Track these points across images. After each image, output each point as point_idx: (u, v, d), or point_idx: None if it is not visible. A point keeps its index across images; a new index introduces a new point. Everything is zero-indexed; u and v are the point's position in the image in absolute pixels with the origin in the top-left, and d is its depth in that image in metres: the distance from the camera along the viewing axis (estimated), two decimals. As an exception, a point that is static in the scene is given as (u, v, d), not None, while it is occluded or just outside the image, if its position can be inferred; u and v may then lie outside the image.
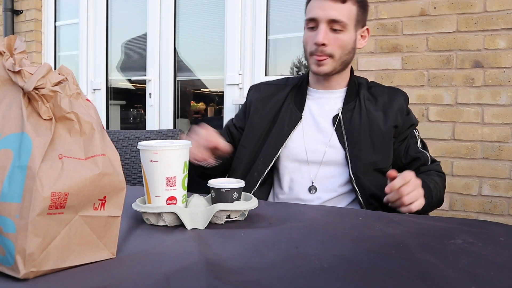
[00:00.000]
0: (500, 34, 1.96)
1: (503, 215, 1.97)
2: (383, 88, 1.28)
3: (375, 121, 1.19)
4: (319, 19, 1.15)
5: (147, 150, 0.81)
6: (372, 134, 1.18)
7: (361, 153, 1.16)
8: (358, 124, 1.19)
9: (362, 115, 1.20)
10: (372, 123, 1.19)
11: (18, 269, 0.51)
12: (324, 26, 1.14)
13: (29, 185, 0.51)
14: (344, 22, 1.14)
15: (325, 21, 1.14)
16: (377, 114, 1.20)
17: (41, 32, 3.41)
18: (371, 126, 1.19)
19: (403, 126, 1.23)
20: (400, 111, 1.22)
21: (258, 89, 1.34)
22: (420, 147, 1.25)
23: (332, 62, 1.18)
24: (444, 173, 1.26)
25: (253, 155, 1.23)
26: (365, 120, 1.19)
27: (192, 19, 2.91)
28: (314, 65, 1.19)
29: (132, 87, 3.18)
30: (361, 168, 1.15)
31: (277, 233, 0.75)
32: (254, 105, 1.30)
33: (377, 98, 1.23)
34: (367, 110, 1.21)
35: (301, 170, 1.21)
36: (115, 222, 0.61)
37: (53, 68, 0.57)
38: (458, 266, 0.59)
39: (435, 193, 1.12)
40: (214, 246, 0.67)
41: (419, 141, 1.26)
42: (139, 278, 0.55)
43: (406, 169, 1.11)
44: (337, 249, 0.67)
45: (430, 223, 0.82)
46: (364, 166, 1.15)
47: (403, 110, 1.23)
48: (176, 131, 1.67)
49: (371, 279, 0.54)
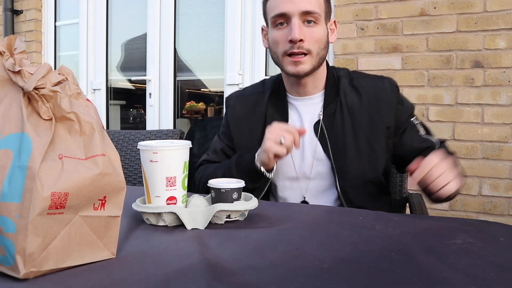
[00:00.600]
0: (500, 34, 1.96)
1: (503, 215, 1.97)
2: (367, 79, 1.15)
3: (361, 126, 1.10)
4: (291, 13, 1.04)
5: (147, 150, 0.81)
6: (358, 142, 1.09)
7: (347, 165, 1.08)
8: (341, 130, 1.10)
9: (345, 118, 1.10)
10: (357, 129, 1.10)
11: (18, 269, 0.51)
12: (297, 20, 1.04)
13: (29, 185, 0.51)
14: (317, 13, 1.05)
15: (297, 14, 1.03)
16: (362, 118, 1.10)
17: (41, 32, 3.41)
18: (356, 133, 1.10)
19: (399, 120, 1.13)
20: (389, 108, 1.11)
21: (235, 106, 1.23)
22: (423, 134, 1.14)
23: (310, 60, 1.07)
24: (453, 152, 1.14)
25: None
26: (348, 125, 1.10)
27: (192, 19, 2.91)
28: (290, 66, 1.07)
29: (132, 87, 3.18)
30: (349, 182, 1.08)
31: (277, 233, 0.75)
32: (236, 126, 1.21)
33: (361, 94, 1.11)
34: (350, 112, 1.10)
35: (293, 187, 1.15)
36: (115, 222, 0.61)
37: (53, 68, 0.57)
38: (458, 266, 0.59)
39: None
40: (214, 246, 0.67)
41: (421, 129, 1.15)
42: (139, 278, 0.55)
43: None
44: (337, 250, 0.67)
45: (430, 223, 0.82)
46: (352, 180, 1.08)
47: (393, 105, 1.12)
48: (176, 131, 1.67)
49: (371, 279, 0.54)
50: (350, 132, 1.10)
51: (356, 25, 2.23)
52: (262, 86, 1.24)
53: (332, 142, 1.10)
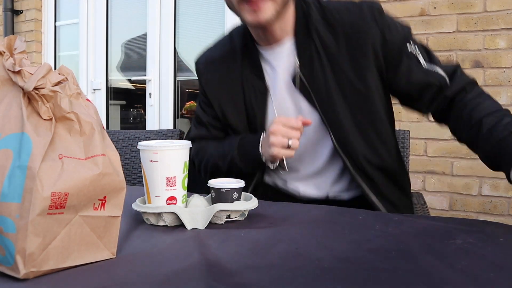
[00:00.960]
0: (500, 34, 1.96)
1: (503, 215, 1.97)
2: (340, 6, 0.97)
3: (344, 74, 0.95)
4: None
5: (147, 150, 0.81)
6: (344, 93, 0.96)
7: (336, 116, 0.97)
8: (323, 80, 0.96)
9: (324, 65, 0.96)
10: (340, 78, 0.96)
11: (18, 269, 0.51)
12: None
13: (29, 185, 0.51)
14: None
15: None
16: (342, 60, 0.95)
17: (41, 32, 3.41)
18: (340, 84, 0.96)
19: (389, 50, 0.96)
20: (372, 37, 0.94)
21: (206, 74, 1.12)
22: (426, 66, 0.96)
23: (272, 4, 0.91)
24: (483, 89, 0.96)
25: None
26: (329, 74, 0.96)
27: (192, 19, 2.91)
28: (249, 13, 0.92)
29: (132, 87, 3.18)
30: (343, 134, 0.97)
31: (277, 233, 0.75)
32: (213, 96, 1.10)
33: (337, 30, 0.95)
34: (327, 55, 0.95)
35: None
36: (115, 222, 0.61)
37: (53, 68, 0.57)
38: (457, 267, 0.59)
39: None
40: (214, 246, 0.67)
41: (421, 58, 0.96)
42: (139, 278, 0.55)
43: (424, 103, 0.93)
44: (337, 249, 0.67)
45: (430, 223, 0.82)
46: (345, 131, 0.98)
47: (376, 33, 0.94)
48: (176, 131, 1.67)
49: (371, 280, 0.54)
50: (334, 84, 0.97)
51: (356, 25, 2.23)
52: (229, 41, 1.10)
53: (317, 94, 0.98)
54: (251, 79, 1.04)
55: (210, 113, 1.15)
